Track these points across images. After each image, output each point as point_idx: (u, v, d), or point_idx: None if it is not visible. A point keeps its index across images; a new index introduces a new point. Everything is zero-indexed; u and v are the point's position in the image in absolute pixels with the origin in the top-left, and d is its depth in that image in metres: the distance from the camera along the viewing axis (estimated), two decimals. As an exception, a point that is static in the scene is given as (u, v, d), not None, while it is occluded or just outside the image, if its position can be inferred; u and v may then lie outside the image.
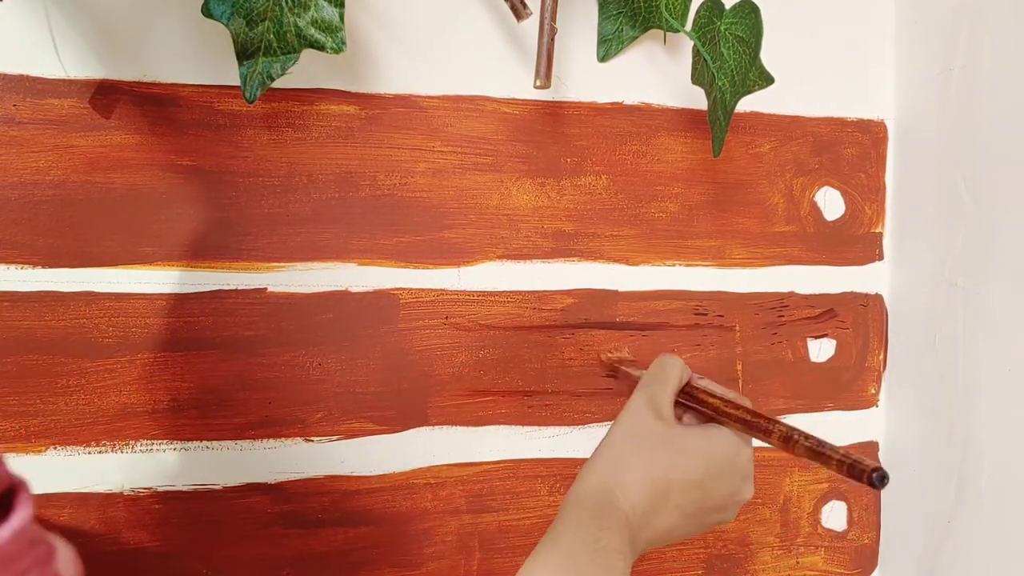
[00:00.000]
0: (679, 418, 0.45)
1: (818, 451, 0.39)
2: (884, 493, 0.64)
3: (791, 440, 0.40)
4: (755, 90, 0.54)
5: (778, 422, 0.42)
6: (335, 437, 0.53)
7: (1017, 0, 0.51)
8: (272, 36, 0.44)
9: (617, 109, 0.57)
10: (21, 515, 0.23)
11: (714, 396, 0.45)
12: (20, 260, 0.48)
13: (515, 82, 0.55)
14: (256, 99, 0.44)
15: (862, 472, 0.36)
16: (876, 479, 0.36)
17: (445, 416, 0.55)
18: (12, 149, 0.47)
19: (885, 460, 0.64)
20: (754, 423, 0.42)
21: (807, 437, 0.40)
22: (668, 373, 0.45)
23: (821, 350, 0.62)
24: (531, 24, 0.50)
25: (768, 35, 0.53)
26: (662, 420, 0.42)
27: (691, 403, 0.45)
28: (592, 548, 0.37)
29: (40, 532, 0.24)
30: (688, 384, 0.46)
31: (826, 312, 0.62)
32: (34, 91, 0.47)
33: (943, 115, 0.58)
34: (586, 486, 0.41)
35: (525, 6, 0.49)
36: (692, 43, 0.51)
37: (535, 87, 0.50)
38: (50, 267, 0.48)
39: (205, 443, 0.51)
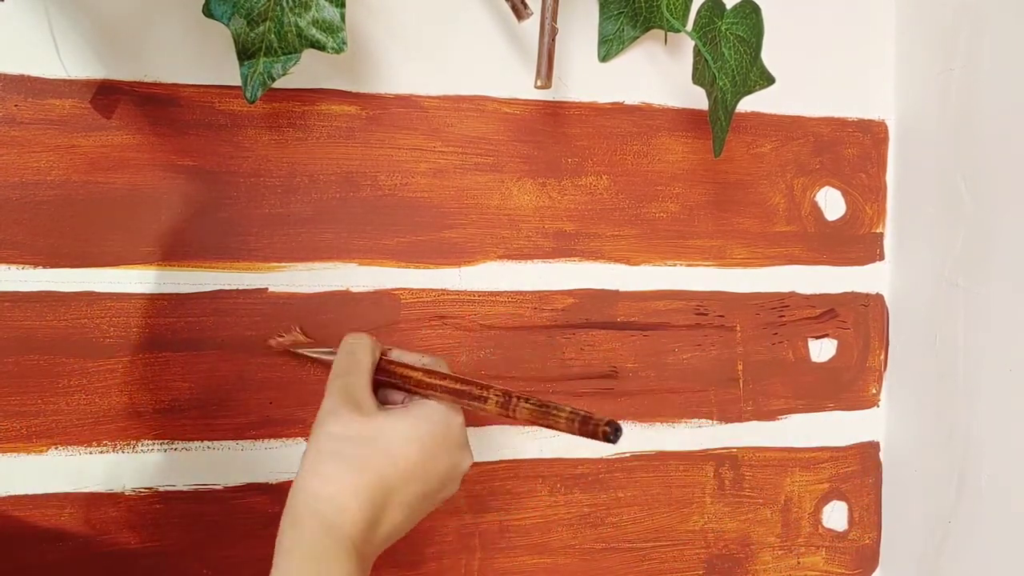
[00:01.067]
0: (384, 399, 0.43)
1: (543, 411, 0.36)
2: (886, 493, 0.64)
3: (509, 404, 0.37)
4: (756, 90, 0.54)
5: (491, 386, 0.39)
6: (336, 437, 0.53)
7: (1018, 0, 0.51)
8: (273, 36, 0.44)
9: (618, 109, 0.57)
10: None
11: (412, 368, 0.42)
12: (21, 260, 0.48)
13: (516, 82, 0.55)
14: (257, 99, 0.44)
15: (596, 427, 0.34)
16: (611, 432, 0.33)
17: (446, 416, 0.55)
18: (13, 149, 0.47)
19: (886, 460, 0.64)
20: (464, 391, 0.39)
21: (527, 399, 0.37)
22: (358, 358, 0.41)
23: (822, 350, 0.62)
24: (532, 24, 0.50)
25: (769, 35, 0.53)
26: (363, 414, 0.38)
27: (391, 381, 0.42)
28: None
29: None
30: (382, 360, 0.43)
31: (827, 312, 0.62)
32: (35, 91, 0.47)
33: (944, 115, 0.58)
34: (298, 518, 0.36)
35: (526, 6, 0.49)
36: (693, 43, 0.51)
37: (536, 87, 0.50)
38: (51, 267, 0.48)
39: (206, 443, 0.51)
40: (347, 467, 0.37)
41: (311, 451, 0.38)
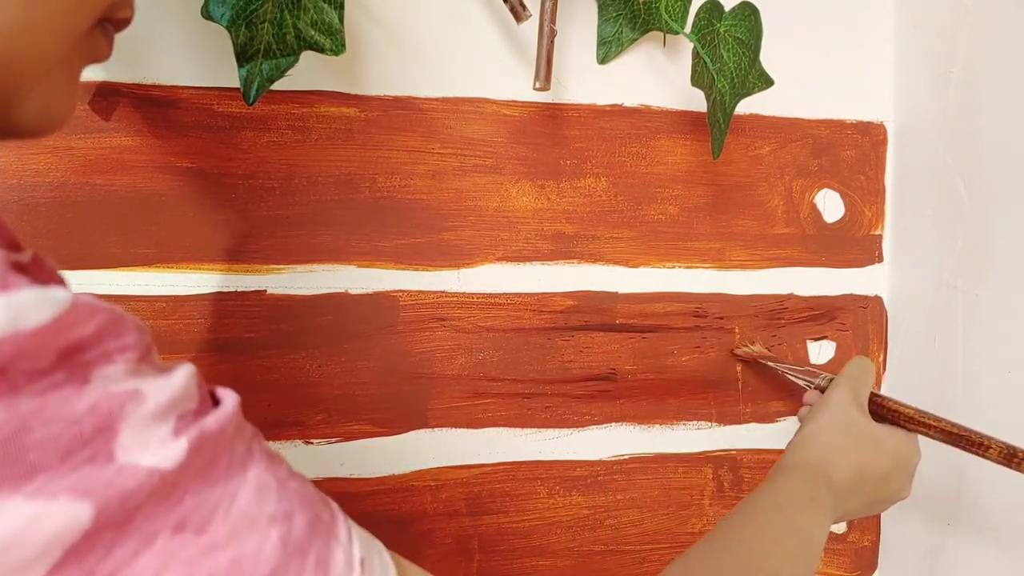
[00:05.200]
0: None
1: None
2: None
3: (1015, 457, 0.42)
4: (754, 92, 0.54)
5: (992, 437, 0.44)
6: (334, 439, 0.53)
7: (1015, 3, 0.52)
8: (272, 38, 0.44)
9: (617, 111, 0.57)
10: (232, 396, 0.26)
11: (907, 406, 0.49)
12: (19, 262, 0.47)
13: (515, 84, 0.55)
14: (256, 101, 0.44)
15: None
16: None
17: (445, 418, 0.55)
18: (11, 151, 0.47)
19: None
20: (963, 436, 0.45)
21: None
22: (867, 375, 0.50)
23: (821, 352, 0.62)
24: (531, 26, 0.50)
25: (767, 37, 0.53)
26: (864, 415, 0.48)
27: (878, 409, 0.49)
28: (808, 498, 0.42)
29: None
30: (872, 392, 0.50)
31: (825, 314, 0.62)
32: (34, 93, 0.47)
33: (942, 117, 0.58)
34: (802, 454, 0.46)
35: (525, 8, 0.49)
36: (692, 45, 0.51)
37: (535, 89, 0.50)
38: (49, 269, 0.48)
39: (204, 445, 0.51)
40: (845, 445, 0.46)
41: (816, 423, 0.47)
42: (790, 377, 0.56)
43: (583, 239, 0.57)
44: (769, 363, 0.58)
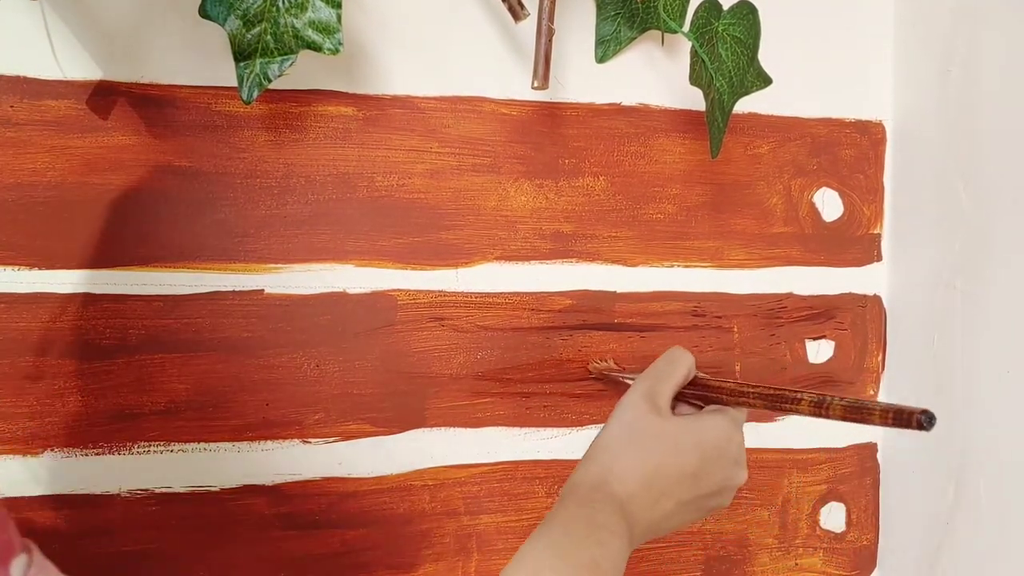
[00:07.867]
0: (674, 410, 0.45)
1: (857, 408, 0.39)
2: (883, 495, 0.64)
3: (824, 404, 0.40)
4: (753, 91, 0.54)
5: (803, 391, 0.42)
6: (333, 439, 0.53)
7: (1015, 1, 0.51)
8: (269, 37, 0.44)
9: (615, 110, 0.57)
10: None
11: (725, 380, 0.45)
12: (17, 262, 0.47)
13: (513, 83, 0.55)
14: (253, 100, 0.44)
15: (910, 416, 0.36)
16: (924, 421, 0.35)
17: (443, 418, 0.55)
18: (9, 150, 0.47)
19: (884, 461, 0.64)
20: (778, 396, 0.42)
21: (840, 397, 0.40)
22: (674, 368, 0.45)
23: (819, 351, 0.62)
24: (529, 25, 0.50)
25: (766, 36, 0.53)
26: (657, 414, 0.43)
27: (700, 392, 0.46)
28: (586, 524, 0.38)
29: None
30: (697, 377, 0.47)
31: (824, 313, 0.62)
32: (31, 92, 0.47)
33: (942, 116, 0.58)
34: (581, 475, 0.42)
35: (523, 7, 0.49)
36: (690, 44, 0.51)
37: (533, 88, 0.50)
38: (47, 268, 0.48)
39: (203, 445, 0.51)
40: (631, 451, 0.42)
41: (602, 433, 0.44)
42: None
43: (581, 238, 0.57)
44: (621, 376, 0.55)
